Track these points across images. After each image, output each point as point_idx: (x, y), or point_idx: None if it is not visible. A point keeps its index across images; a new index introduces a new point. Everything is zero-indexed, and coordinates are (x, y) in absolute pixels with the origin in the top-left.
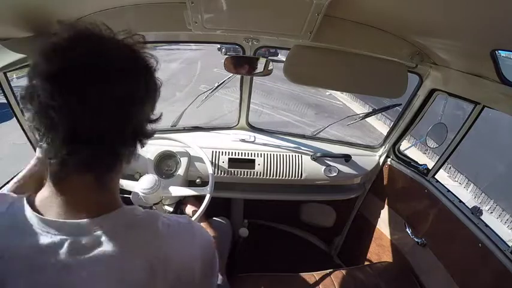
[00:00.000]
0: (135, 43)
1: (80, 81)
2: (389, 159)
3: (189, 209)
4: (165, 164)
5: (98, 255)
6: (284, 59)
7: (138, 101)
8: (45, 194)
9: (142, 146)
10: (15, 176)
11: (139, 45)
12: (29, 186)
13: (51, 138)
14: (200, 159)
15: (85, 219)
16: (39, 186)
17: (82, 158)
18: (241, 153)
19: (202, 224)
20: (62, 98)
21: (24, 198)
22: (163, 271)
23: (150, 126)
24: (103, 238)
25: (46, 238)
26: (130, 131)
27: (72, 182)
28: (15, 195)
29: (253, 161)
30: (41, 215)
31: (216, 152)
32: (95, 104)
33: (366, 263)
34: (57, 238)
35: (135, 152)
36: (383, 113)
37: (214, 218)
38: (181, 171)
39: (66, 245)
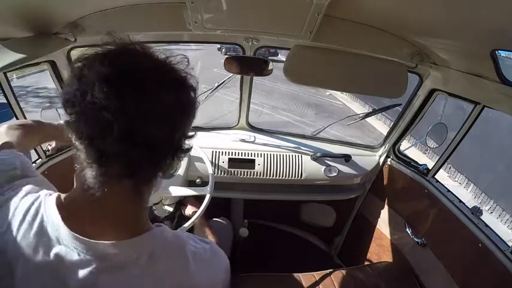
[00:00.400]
0: (178, 62)
1: (135, 85)
2: (389, 159)
3: (189, 209)
4: None
5: (125, 278)
6: (284, 59)
7: (185, 113)
8: (77, 199)
9: (179, 159)
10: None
11: (183, 64)
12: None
13: (99, 140)
14: (200, 159)
15: (116, 241)
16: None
17: (128, 161)
18: (241, 153)
19: (203, 225)
20: (118, 100)
21: (54, 202)
22: None
23: (187, 142)
24: (132, 262)
25: (74, 254)
26: (174, 141)
27: (110, 188)
28: (44, 190)
29: (253, 161)
30: (70, 224)
31: (216, 152)
32: (148, 108)
33: (366, 263)
34: (86, 257)
35: (172, 164)
36: (383, 113)
37: (215, 219)
38: (181, 171)
39: (94, 265)
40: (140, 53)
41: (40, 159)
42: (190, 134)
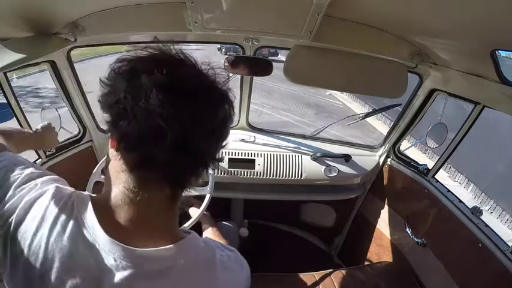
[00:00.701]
0: (218, 74)
1: (189, 96)
2: (389, 159)
3: (193, 211)
4: None
5: (160, 285)
6: (284, 59)
7: (225, 125)
8: (113, 203)
9: (212, 169)
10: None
11: (223, 76)
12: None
13: (148, 146)
14: None
15: (153, 249)
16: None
17: (173, 169)
18: (241, 153)
19: (211, 228)
20: (172, 108)
21: (90, 202)
22: None
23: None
24: (167, 270)
25: (110, 259)
26: (214, 151)
27: (151, 193)
28: (72, 189)
29: (253, 161)
30: (106, 228)
31: None
32: (199, 118)
33: (366, 263)
34: (122, 263)
35: (204, 173)
36: (383, 113)
37: (223, 223)
38: None
39: (129, 271)
40: (188, 63)
41: (40, 159)
42: (224, 144)
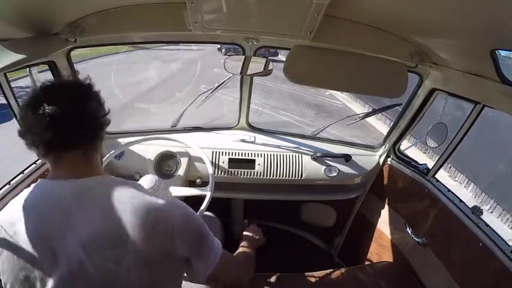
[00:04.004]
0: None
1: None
2: (389, 159)
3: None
4: (165, 164)
5: (91, 203)
6: (284, 59)
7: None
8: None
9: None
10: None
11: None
12: None
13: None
14: (200, 160)
15: (81, 178)
16: None
17: (63, 141)
18: (242, 153)
19: None
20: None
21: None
22: (145, 217)
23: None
24: (96, 190)
25: (54, 195)
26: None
27: (62, 155)
28: None
29: (253, 161)
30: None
31: (216, 152)
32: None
33: (366, 262)
34: (61, 192)
35: (93, 135)
36: (383, 113)
37: (205, 213)
38: (181, 171)
39: (67, 196)
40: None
41: (40, 160)
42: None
